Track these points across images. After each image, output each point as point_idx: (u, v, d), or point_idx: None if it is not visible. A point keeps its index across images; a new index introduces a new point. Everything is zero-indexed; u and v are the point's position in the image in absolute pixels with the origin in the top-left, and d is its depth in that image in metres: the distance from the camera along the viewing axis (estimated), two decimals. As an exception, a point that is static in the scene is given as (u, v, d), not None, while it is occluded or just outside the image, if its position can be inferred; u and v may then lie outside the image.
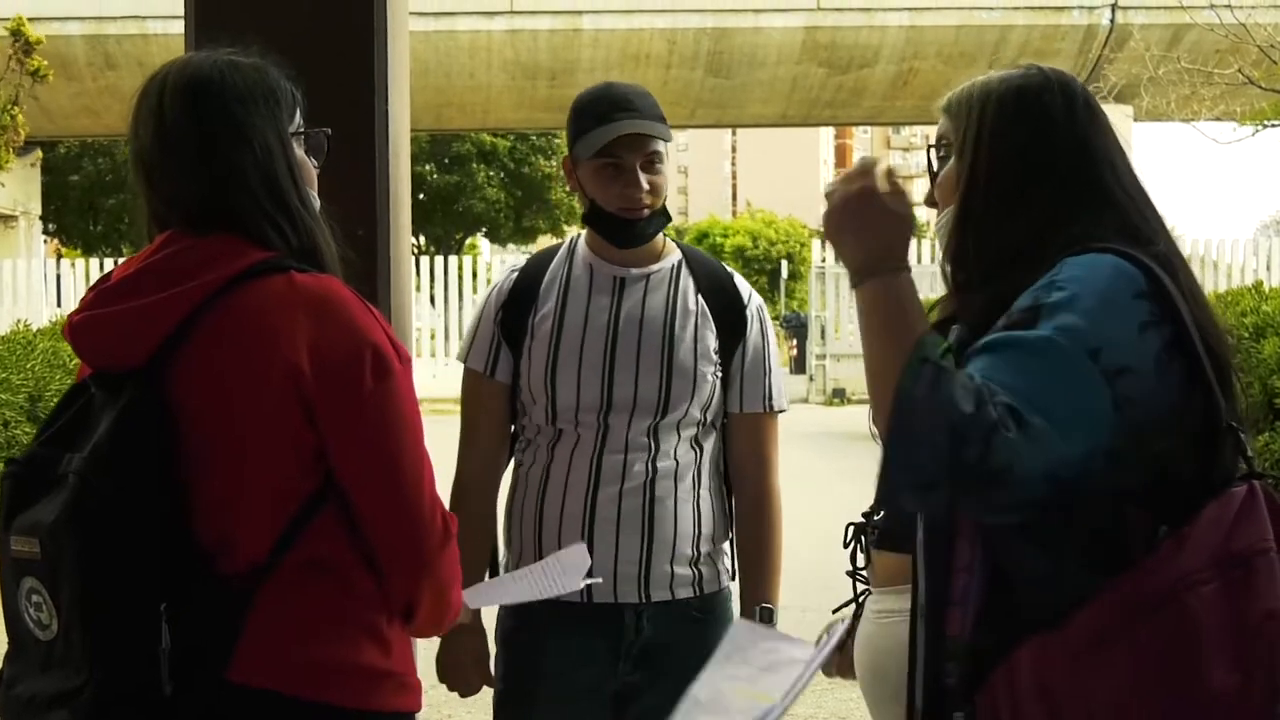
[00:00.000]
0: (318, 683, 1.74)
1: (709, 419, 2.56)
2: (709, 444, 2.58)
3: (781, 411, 2.65)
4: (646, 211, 2.50)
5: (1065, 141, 1.72)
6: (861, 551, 2.15)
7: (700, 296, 2.57)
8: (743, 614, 2.57)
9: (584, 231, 2.63)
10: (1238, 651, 1.49)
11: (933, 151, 1.84)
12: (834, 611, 2.22)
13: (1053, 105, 1.73)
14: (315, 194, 1.90)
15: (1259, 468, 1.62)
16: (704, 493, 2.56)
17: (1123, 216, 1.69)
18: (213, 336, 1.72)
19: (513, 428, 2.63)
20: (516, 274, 2.63)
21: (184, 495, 1.70)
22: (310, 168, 1.90)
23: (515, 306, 2.58)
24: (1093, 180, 1.72)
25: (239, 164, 1.77)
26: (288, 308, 1.73)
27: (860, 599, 2.16)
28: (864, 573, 2.16)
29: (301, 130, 1.89)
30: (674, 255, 2.62)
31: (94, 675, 1.63)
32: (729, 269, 2.67)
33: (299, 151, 1.87)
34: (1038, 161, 1.72)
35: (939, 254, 1.83)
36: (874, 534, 2.07)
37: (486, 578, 2.59)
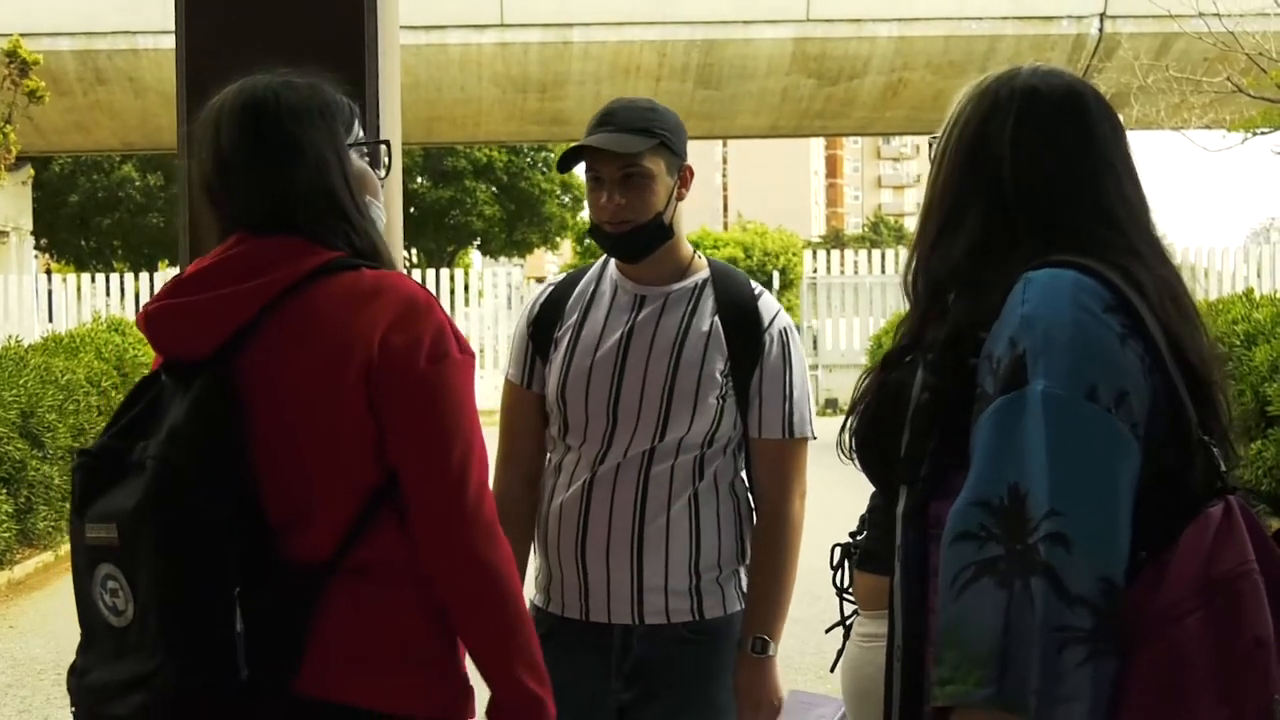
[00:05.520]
0: (378, 691, 1.77)
1: (716, 443, 2.51)
2: (716, 467, 2.52)
3: (806, 439, 2.58)
4: (627, 225, 2.48)
5: (1012, 169, 1.69)
6: (847, 573, 2.14)
7: (716, 317, 2.53)
8: (741, 641, 2.55)
9: None
10: (1226, 683, 1.44)
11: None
12: (826, 632, 2.22)
13: (1003, 129, 1.71)
14: (379, 202, 1.96)
15: (1242, 478, 1.58)
16: (708, 517, 2.51)
17: (1075, 240, 1.64)
18: (286, 329, 1.78)
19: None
20: (551, 288, 2.66)
21: (256, 481, 1.74)
22: (372, 177, 1.97)
23: (544, 319, 2.62)
24: (1039, 208, 1.68)
25: (295, 178, 1.83)
26: (362, 303, 1.79)
27: (848, 620, 2.15)
28: (850, 594, 2.15)
29: (361, 141, 1.95)
30: (701, 273, 2.59)
31: (170, 659, 1.65)
32: (758, 288, 2.60)
33: (358, 162, 1.93)
34: (978, 190, 1.71)
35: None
36: (857, 554, 2.06)
37: (528, 581, 2.63)
